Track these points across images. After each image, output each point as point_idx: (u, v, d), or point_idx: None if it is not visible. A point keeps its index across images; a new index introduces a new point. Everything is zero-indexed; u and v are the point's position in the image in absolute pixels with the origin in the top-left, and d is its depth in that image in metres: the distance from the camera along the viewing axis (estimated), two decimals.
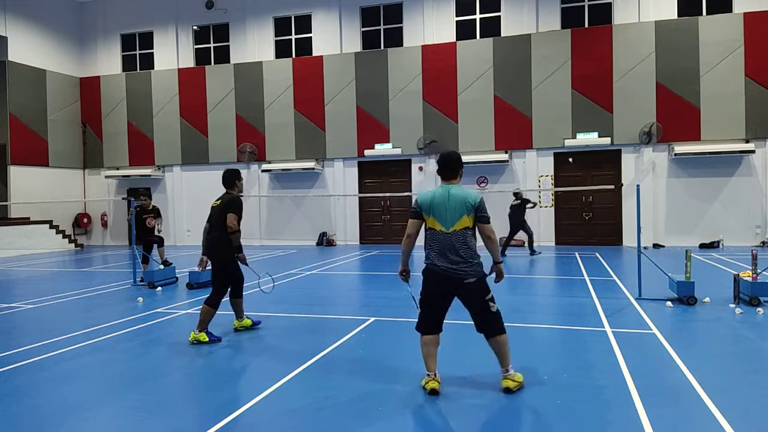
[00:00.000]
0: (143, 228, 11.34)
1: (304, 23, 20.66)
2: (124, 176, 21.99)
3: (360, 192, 19.78)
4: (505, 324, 4.57)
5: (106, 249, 20.92)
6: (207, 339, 6.29)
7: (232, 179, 6.67)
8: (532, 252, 14.99)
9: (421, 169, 19.40)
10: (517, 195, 14.83)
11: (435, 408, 4.24)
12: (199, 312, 6.39)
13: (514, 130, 18.36)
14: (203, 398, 4.60)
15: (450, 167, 4.51)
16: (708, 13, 17.04)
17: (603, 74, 17.65)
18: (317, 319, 7.52)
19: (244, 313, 6.99)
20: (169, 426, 4.02)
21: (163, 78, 21.83)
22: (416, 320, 4.65)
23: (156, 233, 11.58)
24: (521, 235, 15.72)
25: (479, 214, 4.37)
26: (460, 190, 4.42)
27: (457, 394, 4.50)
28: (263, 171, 20.38)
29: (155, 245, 11.56)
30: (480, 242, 4.45)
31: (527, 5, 18.37)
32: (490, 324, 4.44)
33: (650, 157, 17.40)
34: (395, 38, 19.81)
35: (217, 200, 6.64)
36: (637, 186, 9.00)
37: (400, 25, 19.73)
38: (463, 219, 4.32)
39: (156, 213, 11.61)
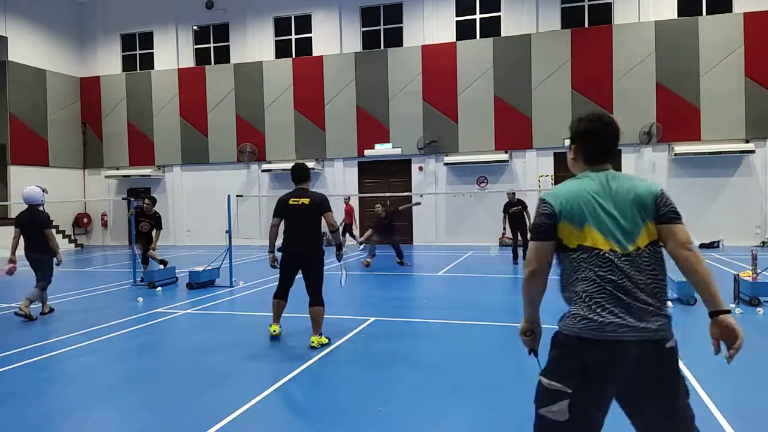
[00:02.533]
0: (138, 230, 11.19)
1: (304, 23, 20.67)
2: (124, 176, 21.99)
3: (360, 192, 19.78)
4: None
5: (106, 249, 20.92)
6: (327, 341, 6.14)
7: (305, 173, 6.36)
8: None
9: (421, 169, 19.39)
10: (518, 199, 13.59)
11: (435, 408, 4.24)
12: (309, 318, 6.14)
13: (514, 130, 18.35)
14: (204, 398, 4.59)
15: (613, 137, 2.45)
16: (708, 13, 17.05)
17: (603, 74, 17.65)
18: None
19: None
20: (169, 425, 4.02)
21: (163, 78, 21.83)
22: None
23: (150, 244, 11.01)
24: (507, 233, 14.84)
25: (669, 214, 2.30)
26: (629, 177, 2.44)
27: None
28: (263, 171, 20.38)
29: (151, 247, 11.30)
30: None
31: (527, 5, 18.38)
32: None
33: (650, 157, 17.40)
34: (395, 38, 19.80)
35: (296, 198, 6.14)
36: None
37: (400, 25, 19.73)
38: (647, 227, 2.30)
39: (156, 221, 11.07)
